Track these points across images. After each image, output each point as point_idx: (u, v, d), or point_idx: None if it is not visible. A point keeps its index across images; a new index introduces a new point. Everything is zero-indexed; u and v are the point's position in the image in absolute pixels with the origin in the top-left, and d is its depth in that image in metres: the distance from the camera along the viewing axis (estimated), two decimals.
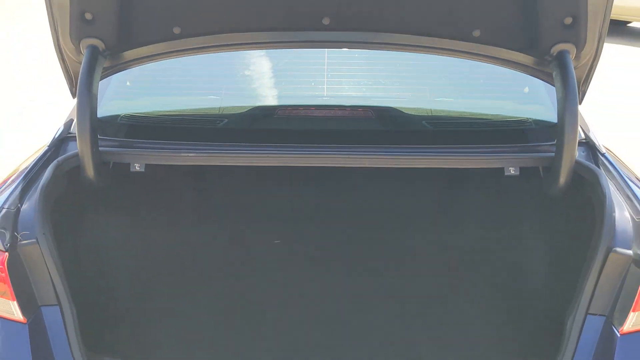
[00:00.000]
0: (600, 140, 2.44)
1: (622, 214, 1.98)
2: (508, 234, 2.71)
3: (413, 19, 2.16)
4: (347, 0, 2.12)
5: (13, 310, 1.86)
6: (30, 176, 2.13)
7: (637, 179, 2.25)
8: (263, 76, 2.89)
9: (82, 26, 2.17)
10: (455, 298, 2.69)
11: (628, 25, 12.93)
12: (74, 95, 2.34)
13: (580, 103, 2.32)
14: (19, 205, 1.99)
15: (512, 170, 2.39)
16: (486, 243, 2.75)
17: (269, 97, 2.89)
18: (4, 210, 1.95)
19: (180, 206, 2.75)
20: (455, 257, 2.77)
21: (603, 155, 2.30)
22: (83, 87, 2.15)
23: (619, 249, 1.89)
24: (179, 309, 2.63)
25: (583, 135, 2.41)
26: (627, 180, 2.13)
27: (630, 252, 1.86)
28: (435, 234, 2.79)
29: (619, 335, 1.86)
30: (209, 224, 2.77)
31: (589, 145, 2.36)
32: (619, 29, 12.59)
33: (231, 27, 2.22)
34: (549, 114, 2.41)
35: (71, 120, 2.44)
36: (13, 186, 2.07)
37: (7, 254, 1.85)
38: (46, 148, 2.32)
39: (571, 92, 2.13)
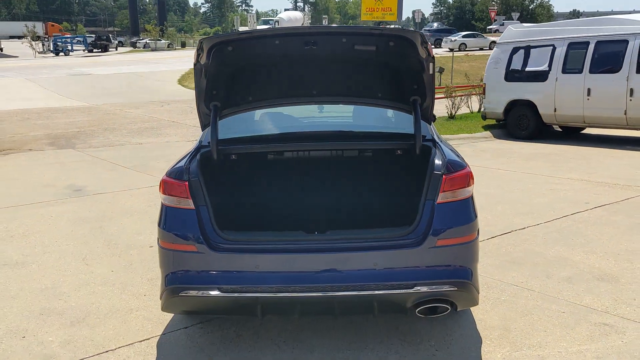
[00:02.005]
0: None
1: (438, 161, 4.17)
2: (398, 172, 5.09)
3: (352, 90, 4.85)
4: (324, 84, 4.80)
5: (190, 204, 4.10)
6: (190, 157, 4.40)
7: (451, 149, 4.57)
8: (289, 117, 5.57)
9: (211, 97, 4.58)
10: (365, 198, 5.20)
11: (581, 132, 15.58)
12: (203, 129, 4.89)
13: (430, 124, 4.81)
14: (189, 166, 4.14)
15: (399, 152, 4.93)
16: (386, 176, 5.16)
17: (291, 126, 5.46)
18: (183, 168, 4.11)
19: (251, 169, 5.15)
20: (369, 182, 5.21)
21: (437, 143, 4.55)
22: (213, 124, 4.54)
23: (435, 172, 4.08)
24: (258, 204, 5.16)
25: (431, 137, 4.72)
26: (445, 151, 4.34)
27: (439, 172, 4.09)
28: (363, 174, 5.21)
29: (436, 204, 4.03)
30: (264, 172, 5.17)
31: (432, 140, 4.63)
32: (575, 135, 15.26)
33: (274, 96, 4.91)
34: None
35: (201, 141, 4.75)
36: (184, 161, 4.33)
37: (187, 182, 4.03)
38: (192, 150, 4.64)
39: (417, 117, 4.57)
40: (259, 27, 61.69)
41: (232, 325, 4.78)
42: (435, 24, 79.43)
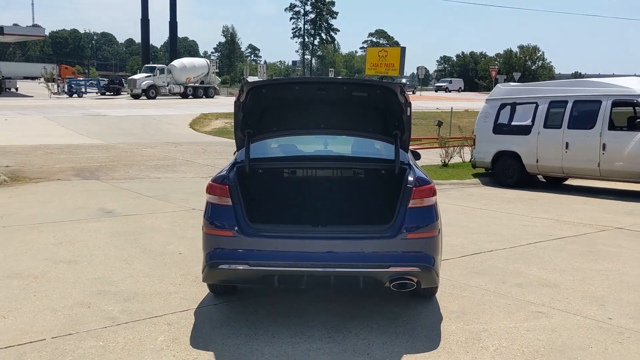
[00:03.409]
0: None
1: (411, 178, 5.57)
2: (382, 186, 6.46)
3: (349, 125, 6.34)
4: (329, 120, 6.29)
5: (229, 202, 5.52)
6: (229, 169, 5.84)
7: (421, 171, 5.96)
8: (303, 144, 7.01)
9: (245, 126, 6.17)
10: (357, 203, 6.61)
11: (564, 183, 16.95)
12: (237, 150, 6.33)
13: (407, 152, 6.23)
14: (228, 175, 5.69)
15: (383, 172, 6.37)
16: (373, 188, 6.54)
17: (303, 150, 6.95)
18: (225, 175, 5.66)
19: (273, 180, 6.54)
20: (360, 192, 6.60)
21: (411, 166, 5.95)
22: (247, 146, 6.11)
23: (408, 185, 5.54)
24: (277, 205, 6.55)
25: (407, 162, 6.13)
26: (416, 172, 5.76)
27: (411, 185, 5.50)
28: (356, 186, 6.62)
29: (408, 208, 5.43)
30: (283, 182, 6.55)
31: (408, 164, 6.03)
32: (558, 184, 16.64)
33: (292, 128, 6.43)
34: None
35: (236, 158, 6.21)
36: (224, 171, 5.80)
37: (227, 185, 5.56)
38: (229, 165, 6.09)
39: (397, 147, 6.03)
40: (140, 75, 58.22)
41: (252, 304, 6.17)
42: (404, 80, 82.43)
